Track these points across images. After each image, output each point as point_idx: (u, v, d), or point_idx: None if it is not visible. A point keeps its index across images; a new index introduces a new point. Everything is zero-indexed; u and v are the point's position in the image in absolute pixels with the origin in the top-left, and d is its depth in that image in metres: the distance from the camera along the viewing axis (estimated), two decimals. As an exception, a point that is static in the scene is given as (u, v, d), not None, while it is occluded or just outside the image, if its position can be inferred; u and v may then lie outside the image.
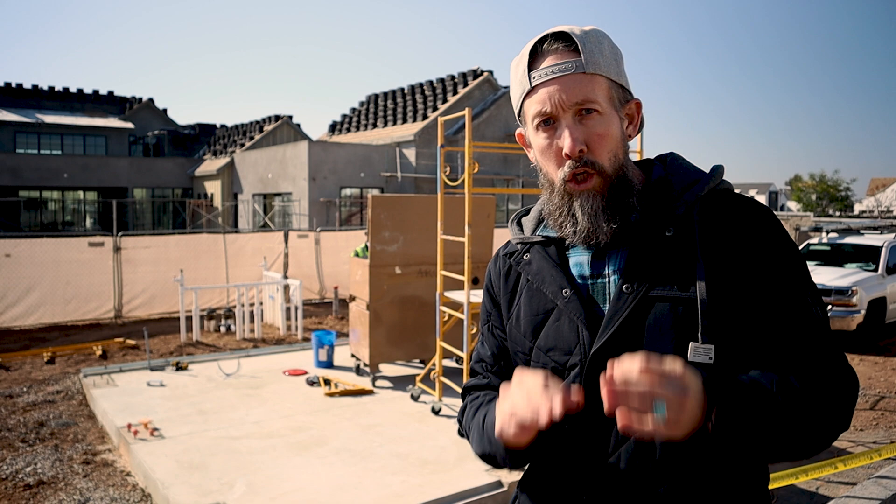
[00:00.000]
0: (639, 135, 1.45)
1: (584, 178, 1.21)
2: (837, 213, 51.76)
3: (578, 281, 1.27)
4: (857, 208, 58.14)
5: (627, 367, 0.98)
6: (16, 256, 10.72)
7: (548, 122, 1.22)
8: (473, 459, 5.03)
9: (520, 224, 1.43)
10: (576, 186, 1.22)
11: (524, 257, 1.36)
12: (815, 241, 12.58)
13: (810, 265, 11.43)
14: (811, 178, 55.22)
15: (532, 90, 1.22)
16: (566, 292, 1.26)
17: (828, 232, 12.64)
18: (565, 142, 1.19)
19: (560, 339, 1.25)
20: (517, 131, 1.35)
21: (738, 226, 1.20)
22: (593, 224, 1.22)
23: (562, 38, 1.21)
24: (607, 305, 1.22)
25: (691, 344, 1.14)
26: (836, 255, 11.85)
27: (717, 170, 1.28)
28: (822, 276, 10.48)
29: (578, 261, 1.30)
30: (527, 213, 1.45)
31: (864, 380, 8.29)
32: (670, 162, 1.32)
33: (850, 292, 9.96)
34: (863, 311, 9.99)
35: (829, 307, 9.97)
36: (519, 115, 1.30)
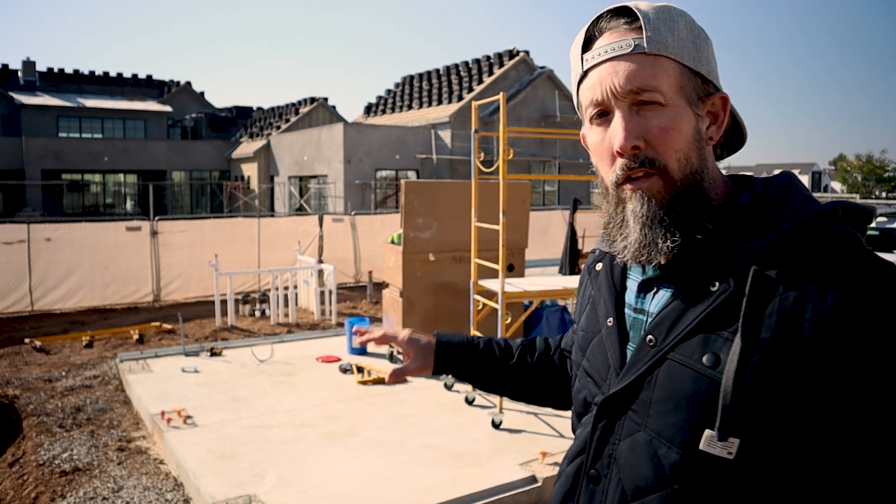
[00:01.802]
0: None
1: (639, 178, 1.00)
2: (884, 195, 50.32)
3: (627, 309, 1.10)
4: (906, 189, 56.41)
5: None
6: (56, 241, 10.87)
7: (602, 115, 1.02)
8: (507, 453, 4.95)
9: None
10: (630, 185, 1.00)
11: (596, 267, 1.21)
12: (862, 225, 12.17)
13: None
14: (857, 159, 53.68)
15: (584, 75, 1.03)
16: (609, 322, 1.10)
17: (876, 216, 12.22)
18: (616, 136, 0.98)
19: (595, 369, 1.11)
20: (581, 131, 1.12)
21: (823, 296, 0.88)
22: (647, 236, 0.99)
23: (624, 13, 1.01)
24: None
25: (706, 432, 0.92)
26: (885, 241, 11.45)
27: (828, 211, 0.95)
28: (871, 262, 10.13)
29: (633, 286, 1.11)
30: None
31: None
32: (773, 186, 1.02)
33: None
34: (913, 300, 9.64)
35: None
36: (578, 109, 1.09)
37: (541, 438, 5.22)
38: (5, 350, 8.50)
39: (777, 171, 1.07)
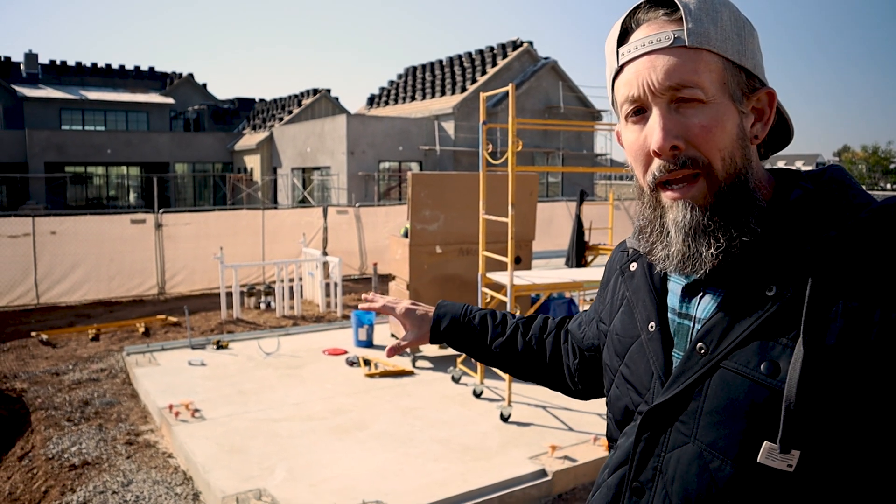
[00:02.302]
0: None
1: (682, 182, 0.94)
2: (888, 186, 50.12)
3: (670, 314, 1.05)
4: (911, 180, 56.21)
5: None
6: (61, 234, 10.86)
7: (638, 112, 0.96)
8: (516, 446, 4.94)
9: None
10: (671, 193, 0.96)
11: (630, 267, 1.15)
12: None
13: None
14: (863, 150, 53.40)
15: (620, 70, 0.98)
16: (651, 327, 1.05)
17: None
18: (654, 135, 0.93)
19: (636, 376, 1.06)
20: (615, 128, 1.06)
21: (889, 296, 0.84)
22: (690, 247, 0.94)
23: (663, 4, 0.95)
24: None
25: (766, 444, 0.87)
26: None
27: (887, 206, 0.90)
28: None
29: (675, 289, 1.05)
30: None
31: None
32: (826, 181, 0.97)
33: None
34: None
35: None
36: (613, 105, 1.04)
37: (550, 432, 5.21)
38: (12, 343, 8.51)
39: (829, 163, 1.03)
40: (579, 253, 8.72)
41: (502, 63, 26.70)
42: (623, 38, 0.98)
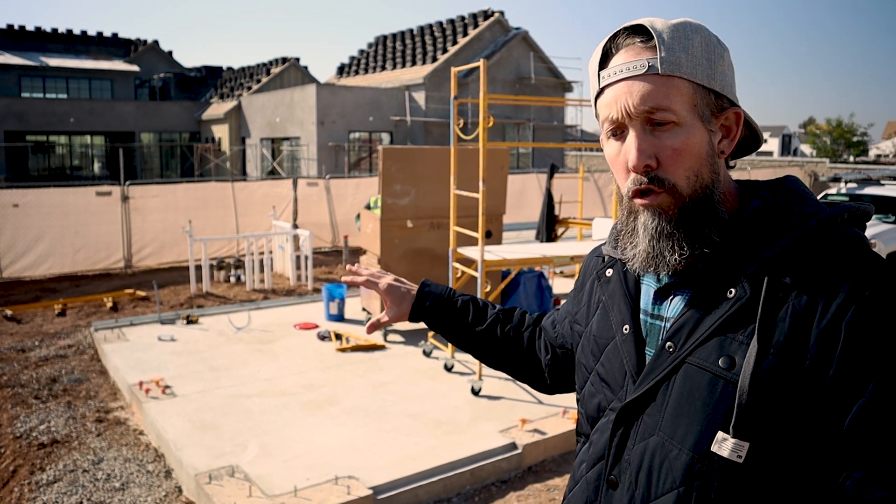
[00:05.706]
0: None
1: (648, 193, 1.04)
2: (851, 159, 50.90)
3: (642, 315, 1.13)
4: (873, 153, 57.23)
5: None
6: (24, 206, 10.62)
7: (617, 131, 1.06)
8: (487, 420, 5.00)
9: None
10: (641, 201, 1.05)
11: (606, 273, 1.23)
12: (833, 191, 12.32)
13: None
14: (827, 123, 54.02)
15: (601, 92, 1.07)
16: (626, 329, 1.13)
17: (846, 182, 12.37)
18: (630, 154, 1.02)
19: (611, 375, 1.14)
20: (601, 139, 1.16)
21: (830, 297, 0.93)
22: (654, 249, 1.03)
23: (639, 31, 1.03)
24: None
25: (719, 433, 0.95)
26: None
27: (833, 215, 1.00)
28: (841, 227, 10.27)
29: (648, 292, 1.14)
30: None
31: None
32: (781, 192, 1.07)
33: (869, 244, 9.78)
34: (881, 264, 9.82)
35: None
36: (597, 119, 1.13)
37: (520, 405, 5.29)
38: (-25, 319, 8.35)
39: (783, 175, 1.11)
40: (549, 227, 8.78)
41: (473, 33, 26.50)
42: (604, 61, 1.06)
